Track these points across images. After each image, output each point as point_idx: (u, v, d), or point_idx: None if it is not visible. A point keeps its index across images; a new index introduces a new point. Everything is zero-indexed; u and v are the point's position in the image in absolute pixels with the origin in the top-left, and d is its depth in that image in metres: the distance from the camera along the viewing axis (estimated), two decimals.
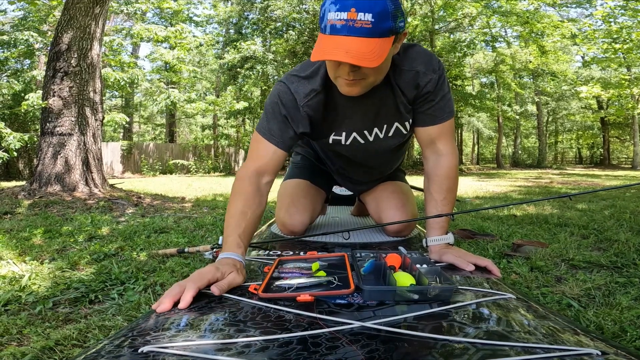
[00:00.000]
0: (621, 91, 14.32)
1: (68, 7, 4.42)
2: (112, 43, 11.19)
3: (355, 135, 1.16)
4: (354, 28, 0.79)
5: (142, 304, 1.36)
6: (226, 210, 0.99)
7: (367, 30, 0.80)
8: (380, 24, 0.80)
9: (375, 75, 0.93)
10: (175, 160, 14.64)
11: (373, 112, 1.11)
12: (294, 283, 0.75)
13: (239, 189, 1.01)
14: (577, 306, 1.31)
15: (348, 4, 0.80)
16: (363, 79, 0.91)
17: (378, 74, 0.93)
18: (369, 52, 0.80)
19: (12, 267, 1.76)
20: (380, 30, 0.81)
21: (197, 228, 2.86)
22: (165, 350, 0.50)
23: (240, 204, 0.96)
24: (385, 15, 0.80)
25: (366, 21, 0.79)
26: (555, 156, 31.51)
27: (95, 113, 4.63)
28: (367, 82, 0.93)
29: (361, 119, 1.13)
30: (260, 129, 1.09)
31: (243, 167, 1.07)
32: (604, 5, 11.88)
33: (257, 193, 1.01)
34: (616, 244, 2.15)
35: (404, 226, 1.35)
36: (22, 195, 4.07)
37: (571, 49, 20.20)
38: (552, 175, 12.23)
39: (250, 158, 1.08)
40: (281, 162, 1.09)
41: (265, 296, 0.70)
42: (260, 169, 1.05)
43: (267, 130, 1.07)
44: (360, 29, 0.79)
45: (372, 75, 0.92)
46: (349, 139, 1.17)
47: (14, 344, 1.09)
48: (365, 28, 0.79)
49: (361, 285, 0.71)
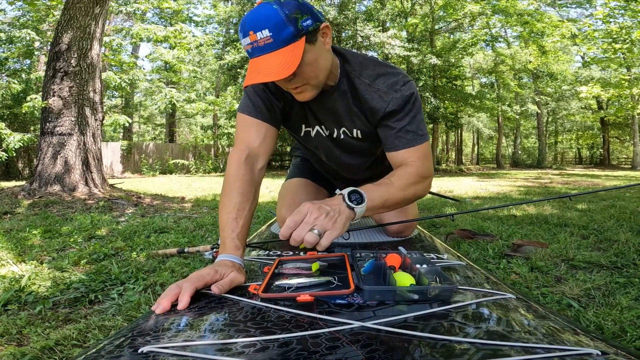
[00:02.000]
0: (621, 91, 14.32)
1: (68, 7, 4.42)
2: (111, 43, 11.19)
3: (318, 129, 1.16)
4: (260, 47, 0.83)
5: (142, 304, 1.36)
6: (220, 203, 0.96)
7: (270, 45, 0.83)
8: (279, 34, 0.82)
9: (314, 78, 0.93)
10: (175, 160, 14.64)
11: (331, 112, 1.09)
12: (294, 283, 0.75)
13: (233, 178, 0.97)
14: (577, 306, 1.31)
15: (246, 29, 0.84)
16: (305, 84, 0.92)
17: (313, 76, 0.92)
18: (277, 64, 0.82)
19: (11, 267, 1.76)
20: (283, 39, 0.82)
21: (197, 228, 2.86)
22: (165, 351, 0.50)
23: (236, 199, 0.93)
24: (281, 24, 0.82)
25: (266, 37, 0.82)
26: (555, 156, 31.52)
27: (95, 113, 4.63)
28: (311, 85, 0.94)
29: (324, 116, 1.12)
30: (243, 108, 1.05)
31: (234, 152, 1.02)
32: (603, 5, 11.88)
33: (252, 183, 0.98)
34: (616, 244, 2.15)
35: (405, 227, 1.35)
36: (22, 195, 4.07)
37: (571, 49, 20.21)
38: (552, 175, 12.24)
39: (239, 141, 1.04)
40: (274, 142, 1.07)
41: (266, 296, 0.70)
42: (252, 152, 1.02)
43: (253, 107, 1.04)
44: (265, 46, 0.83)
45: (311, 78, 0.92)
46: (313, 131, 1.17)
47: (13, 344, 1.09)
48: (268, 44, 0.83)
49: (361, 285, 0.71)
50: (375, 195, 0.89)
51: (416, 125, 1.02)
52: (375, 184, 0.93)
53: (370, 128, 1.10)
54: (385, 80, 1.02)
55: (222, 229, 0.91)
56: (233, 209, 0.92)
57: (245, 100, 1.06)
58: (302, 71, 0.88)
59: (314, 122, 1.14)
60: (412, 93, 1.02)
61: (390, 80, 1.02)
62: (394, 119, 1.02)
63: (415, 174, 1.00)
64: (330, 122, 1.12)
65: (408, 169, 1.00)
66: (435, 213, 3.26)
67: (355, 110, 1.06)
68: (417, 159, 1.02)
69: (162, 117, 21.69)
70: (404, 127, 1.02)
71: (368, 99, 1.03)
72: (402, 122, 1.02)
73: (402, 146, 1.02)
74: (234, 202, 0.93)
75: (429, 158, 1.05)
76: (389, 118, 1.03)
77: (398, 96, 1.00)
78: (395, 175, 0.98)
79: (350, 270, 0.81)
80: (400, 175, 0.98)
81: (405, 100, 1.01)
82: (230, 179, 0.97)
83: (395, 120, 1.02)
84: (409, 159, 1.02)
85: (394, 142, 1.03)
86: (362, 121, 1.08)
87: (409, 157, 1.02)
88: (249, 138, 1.03)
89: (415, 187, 1.00)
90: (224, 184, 0.98)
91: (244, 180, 0.96)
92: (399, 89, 1.00)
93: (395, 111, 1.01)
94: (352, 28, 13.92)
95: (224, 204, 0.94)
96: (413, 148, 1.02)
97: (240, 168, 0.98)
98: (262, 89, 1.04)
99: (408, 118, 1.02)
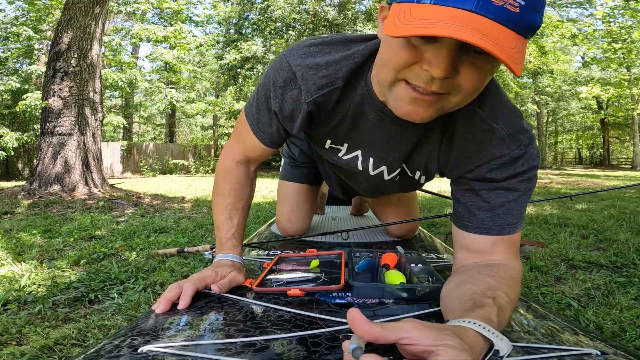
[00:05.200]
0: (621, 91, 14.33)
1: (68, 7, 4.42)
2: (111, 43, 11.19)
3: (359, 154, 0.83)
4: (491, 5, 0.45)
5: (141, 303, 1.36)
6: (213, 202, 0.89)
7: (512, 16, 0.46)
8: (529, 13, 0.47)
9: (464, 97, 0.56)
10: (175, 161, 14.63)
11: (400, 148, 0.76)
12: (284, 278, 0.78)
13: (227, 176, 0.89)
14: (576, 306, 1.31)
15: None
16: (448, 93, 0.55)
17: (469, 96, 0.57)
18: (512, 47, 0.47)
19: (11, 266, 1.76)
20: (526, 23, 0.48)
21: (197, 228, 2.86)
22: (164, 350, 0.50)
23: (231, 198, 0.87)
24: (538, 4, 0.48)
25: (513, 3, 0.46)
26: (555, 156, 31.50)
27: (95, 113, 4.63)
28: (447, 103, 0.57)
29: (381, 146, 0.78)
30: (248, 113, 0.85)
31: (229, 149, 0.91)
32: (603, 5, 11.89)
33: (247, 182, 0.90)
34: (616, 244, 2.15)
35: (407, 230, 1.34)
36: (22, 195, 4.07)
37: (571, 49, 20.21)
38: (551, 175, 12.23)
39: (237, 141, 0.90)
40: (270, 154, 0.92)
41: (259, 290, 0.72)
42: (248, 158, 0.91)
43: (256, 121, 0.84)
44: (502, 9, 0.46)
45: (460, 94, 0.55)
46: (349, 155, 0.84)
47: (13, 343, 1.09)
48: (509, 12, 0.46)
49: (351, 281, 0.71)
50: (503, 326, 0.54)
51: (518, 205, 0.70)
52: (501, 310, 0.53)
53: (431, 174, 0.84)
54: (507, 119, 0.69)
55: (218, 229, 0.86)
56: (226, 208, 0.87)
57: (253, 107, 0.83)
58: (472, 76, 0.53)
59: (356, 145, 0.82)
60: (534, 157, 0.70)
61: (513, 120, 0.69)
62: (492, 187, 0.71)
63: (520, 279, 0.68)
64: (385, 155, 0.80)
65: (512, 273, 0.65)
66: (435, 213, 3.26)
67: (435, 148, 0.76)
68: (506, 251, 0.70)
69: (162, 117, 21.67)
70: (505, 206, 0.69)
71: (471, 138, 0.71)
72: (504, 195, 0.70)
73: (487, 231, 0.70)
74: (227, 202, 0.87)
75: (517, 248, 0.74)
76: (488, 182, 0.71)
77: (516, 154, 0.68)
78: (510, 288, 0.60)
79: (344, 267, 0.82)
80: (513, 288, 0.62)
81: (524, 167, 0.69)
82: (222, 176, 0.90)
83: (493, 189, 0.71)
84: (494, 248, 0.70)
85: (472, 220, 0.71)
86: (429, 165, 0.79)
87: (495, 245, 0.70)
88: (245, 145, 0.89)
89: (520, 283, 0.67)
90: (216, 181, 0.90)
91: (239, 181, 0.89)
92: (522, 145, 0.69)
93: (497, 180, 0.70)
94: (352, 28, 13.92)
95: (217, 203, 0.88)
96: (502, 237, 0.70)
97: (234, 169, 0.90)
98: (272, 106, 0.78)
99: (519, 193, 0.70)
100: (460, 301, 0.56)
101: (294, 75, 0.72)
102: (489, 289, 0.57)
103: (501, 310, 0.53)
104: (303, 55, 0.72)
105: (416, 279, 0.73)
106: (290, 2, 13.56)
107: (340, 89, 0.71)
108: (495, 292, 0.56)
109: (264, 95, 0.78)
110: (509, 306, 0.56)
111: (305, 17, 14.05)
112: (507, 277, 0.62)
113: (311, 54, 0.71)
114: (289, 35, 14.00)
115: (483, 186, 0.70)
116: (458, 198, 0.74)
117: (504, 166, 0.68)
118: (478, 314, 0.49)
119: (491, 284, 0.59)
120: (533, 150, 0.69)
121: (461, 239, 0.73)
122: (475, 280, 0.61)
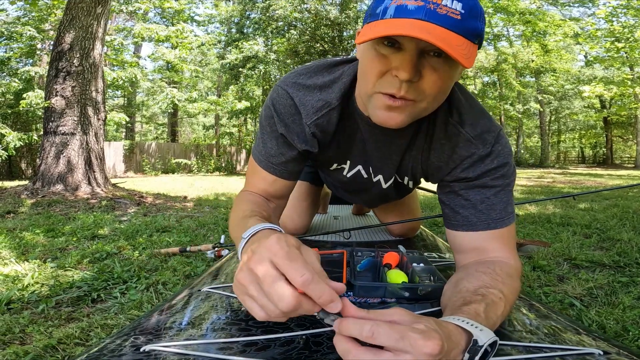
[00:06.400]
0: (624, 90, 14.28)
1: (70, 7, 4.43)
2: (112, 42, 11.21)
3: (360, 169, 0.90)
4: (436, 14, 0.55)
5: (144, 302, 1.36)
6: (230, 221, 0.78)
7: (453, 22, 0.55)
8: (470, 20, 0.57)
9: (429, 101, 0.64)
10: (178, 160, 14.66)
11: (392, 157, 0.82)
12: None
13: (244, 199, 0.82)
14: (579, 305, 1.31)
15: None
16: (414, 100, 0.62)
17: (434, 99, 0.64)
18: (457, 45, 0.55)
19: (15, 266, 1.77)
20: (469, 28, 0.57)
21: (199, 227, 2.87)
22: (167, 349, 0.50)
23: (248, 206, 0.77)
24: (476, 13, 0.58)
25: (454, 10, 0.56)
26: (557, 155, 31.41)
27: (98, 112, 4.65)
28: (416, 108, 0.64)
29: (377, 156, 0.84)
30: (256, 154, 0.84)
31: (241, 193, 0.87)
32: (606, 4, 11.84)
33: (266, 204, 0.83)
34: (619, 244, 2.15)
35: (409, 229, 1.34)
36: (25, 195, 4.09)
37: (574, 48, 20.15)
38: (554, 174, 12.20)
39: (250, 185, 0.88)
40: (288, 192, 0.88)
41: None
42: (267, 193, 0.86)
43: (265, 157, 0.82)
44: (445, 17, 0.55)
45: (432, 96, 0.63)
46: (351, 171, 0.91)
47: (16, 342, 1.09)
48: (452, 18, 0.55)
49: (353, 281, 0.71)
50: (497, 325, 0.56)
51: (504, 199, 0.74)
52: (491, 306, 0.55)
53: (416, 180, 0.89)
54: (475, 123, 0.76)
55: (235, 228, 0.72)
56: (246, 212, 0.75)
57: (259, 146, 0.84)
58: (434, 79, 0.61)
59: (357, 161, 0.88)
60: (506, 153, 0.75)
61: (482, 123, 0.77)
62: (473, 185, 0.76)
63: (518, 276, 0.69)
64: (381, 165, 0.86)
65: (509, 270, 0.68)
66: (437, 212, 3.26)
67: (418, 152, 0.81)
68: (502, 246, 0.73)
69: (164, 116, 21.72)
70: (488, 200, 0.74)
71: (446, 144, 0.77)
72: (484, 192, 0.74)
73: (479, 227, 0.73)
74: (245, 209, 0.76)
75: (514, 242, 0.76)
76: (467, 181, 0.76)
77: (484, 153, 0.74)
78: (505, 284, 0.62)
79: (346, 267, 0.82)
80: (509, 284, 0.63)
81: (496, 163, 0.74)
82: (238, 201, 0.83)
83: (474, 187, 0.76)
84: (488, 244, 0.73)
85: (460, 219, 0.75)
86: (412, 168, 0.85)
87: (489, 241, 0.73)
88: (261, 183, 0.86)
89: (519, 282, 0.69)
90: (232, 209, 0.81)
91: (256, 198, 0.83)
92: (488, 143, 0.75)
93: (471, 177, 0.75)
94: (354, 27, 13.90)
95: (234, 217, 0.77)
96: (493, 231, 0.73)
97: (251, 194, 0.85)
98: (278, 130, 0.80)
99: (497, 188, 0.74)
100: (453, 300, 0.59)
101: (292, 101, 0.77)
102: (482, 286, 0.61)
103: (491, 306, 0.55)
104: (296, 83, 0.78)
105: (418, 278, 0.73)
106: (292, 2, 13.56)
107: (337, 109, 0.77)
108: (487, 289, 0.60)
109: (268, 125, 0.81)
110: (502, 302, 0.58)
111: (307, 17, 14.05)
112: (503, 273, 0.66)
113: (303, 80, 0.78)
114: (291, 34, 14.00)
115: (462, 186, 0.76)
116: (443, 200, 0.79)
117: (475, 165, 0.74)
118: (464, 311, 0.52)
119: (485, 281, 0.62)
120: (501, 148, 0.74)
121: (453, 240, 0.78)
122: (471, 278, 0.64)
